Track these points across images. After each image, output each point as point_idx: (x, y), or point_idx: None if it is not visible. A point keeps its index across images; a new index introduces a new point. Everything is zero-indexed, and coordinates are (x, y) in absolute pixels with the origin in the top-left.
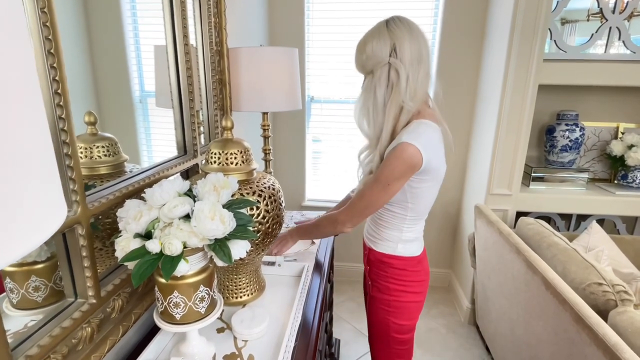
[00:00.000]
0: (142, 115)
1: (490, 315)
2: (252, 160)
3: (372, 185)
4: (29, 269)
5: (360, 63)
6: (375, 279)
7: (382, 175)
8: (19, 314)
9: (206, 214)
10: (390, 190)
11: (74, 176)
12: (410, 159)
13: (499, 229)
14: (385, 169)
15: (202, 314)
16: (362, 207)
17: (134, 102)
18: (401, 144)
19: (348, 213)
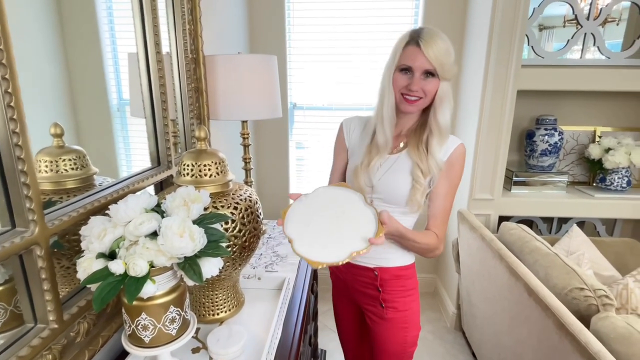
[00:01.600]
0: (120, 125)
1: (475, 321)
2: (228, 171)
3: (452, 194)
4: None
5: (450, 64)
6: (391, 300)
7: (457, 179)
8: None
9: (174, 231)
10: None
11: (30, 194)
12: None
13: (481, 235)
14: (459, 173)
15: (173, 335)
16: (448, 219)
17: (112, 111)
18: (462, 145)
19: (444, 232)
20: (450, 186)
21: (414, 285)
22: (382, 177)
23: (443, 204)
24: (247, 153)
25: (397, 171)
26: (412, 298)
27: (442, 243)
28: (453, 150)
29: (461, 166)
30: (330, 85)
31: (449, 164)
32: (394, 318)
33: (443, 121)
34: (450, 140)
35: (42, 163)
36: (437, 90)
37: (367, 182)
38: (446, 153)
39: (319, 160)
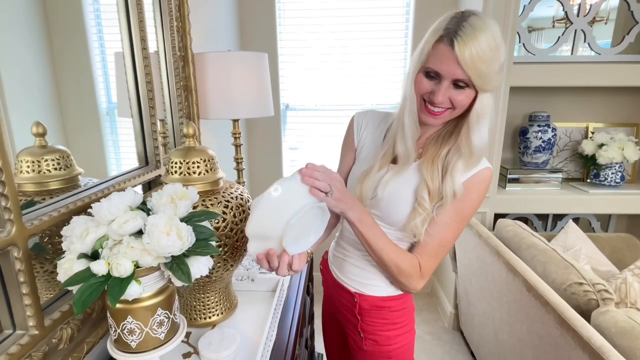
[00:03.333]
0: (109, 128)
1: (473, 320)
2: (218, 169)
3: (456, 227)
4: None
5: (492, 73)
6: (370, 331)
7: (470, 209)
8: None
9: (161, 229)
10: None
11: (6, 192)
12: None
13: (478, 232)
14: (474, 202)
15: (161, 340)
16: (444, 254)
17: (101, 114)
18: (488, 169)
19: (432, 267)
20: (457, 215)
21: (404, 319)
22: (385, 190)
23: (440, 235)
24: (238, 153)
25: (402, 186)
26: (398, 332)
27: (423, 278)
28: (475, 174)
29: (479, 195)
30: (323, 86)
31: (465, 188)
32: (373, 351)
33: (478, 142)
34: (483, 160)
35: (23, 163)
36: (470, 102)
37: (368, 193)
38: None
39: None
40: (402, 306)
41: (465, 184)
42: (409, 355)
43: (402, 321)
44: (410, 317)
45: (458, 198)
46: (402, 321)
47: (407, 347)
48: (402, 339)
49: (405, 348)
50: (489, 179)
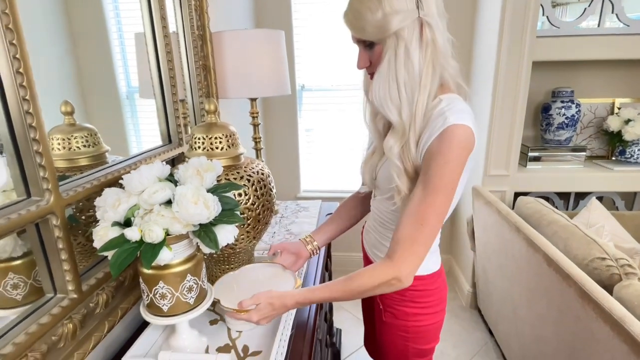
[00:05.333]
0: (130, 112)
1: (491, 298)
2: (239, 144)
3: (432, 197)
4: (6, 266)
5: (373, 25)
6: (389, 304)
7: (442, 177)
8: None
9: (189, 199)
10: (453, 194)
11: (44, 162)
12: (468, 143)
13: (497, 209)
14: (445, 168)
15: (190, 304)
16: (427, 236)
17: (121, 99)
18: (451, 127)
19: (410, 257)
20: (425, 186)
21: (427, 299)
22: (379, 173)
23: (414, 211)
24: (256, 132)
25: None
26: (418, 311)
27: (407, 272)
28: (436, 136)
29: (447, 160)
30: (339, 65)
31: (428, 154)
32: (390, 323)
33: (376, 96)
34: (437, 122)
35: (54, 141)
36: None
37: (366, 178)
38: (428, 139)
39: (329, 142)
40: (425, 287)
41: (428, 150)
42: (429, 336)
43: (424, 301)
44: (435, 299)
45: (423, 168)
46: (425, 301)
47: (429, 327)
48: (423, 319)
49: (426, 328)
50: (457, 138)
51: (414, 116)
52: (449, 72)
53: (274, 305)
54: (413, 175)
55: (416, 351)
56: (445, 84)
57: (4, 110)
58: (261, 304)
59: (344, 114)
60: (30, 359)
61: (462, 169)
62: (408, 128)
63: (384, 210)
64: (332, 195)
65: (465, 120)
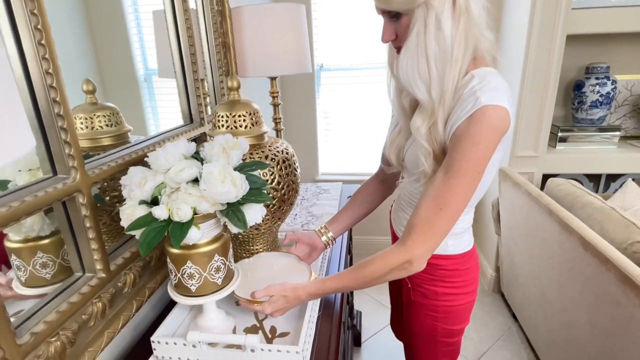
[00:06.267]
0: (148, 95)
1: (517, 282)
2: (262, 123)
3: (455, 180)
4: (34, 245)
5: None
6: (418, 283)
7: (469, 160)
8: (28, 292)
9: (216, 177)
10: (479, 179)
11: (69, 139)
12: (501, 125)
13: (527, 191)
14: (472, 150)
15: (218, 285)
16: (446, 221)
17: (139, 81)
18: (482, 109)
19: (425, 241)
20: (447, 171)
21: (458, 279)
22: (406, 154)
23: (435, 193)
24: (277, 113)
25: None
26: (448, 291)
27: (419, 256)
28: (466, 118)
29: (475, 142)
30: (359, 43)
31: (456, 135)
32: (420, 302)
33: (403, 72)
34: (468, 102)
35: (77, 120)
36: None
37: (393, 158)
38: (457, 120)
39: (348, 123)
40: (456, 267)
41: (456, 130)
42: (459, 316)
43: (455, 281)
44: (467, 280)
45: (449, 151)
46: (456, 282)
47: (460, 308)
48: (454, 299)
49: (456, 308)
50: (489, 120)
51: (444, 94)
52: (483, 44)
53: (287, 297)
54: (441, 157)
55: (445, 331)
56: (479, 57)
57: (28, 84)
58: (274, 296)
59: (364, 94)
60: (62, 337)
61: (492, 152)
62: (437, 107)
63: (413, 191)
64: (351, 178)
65: (499, 100)
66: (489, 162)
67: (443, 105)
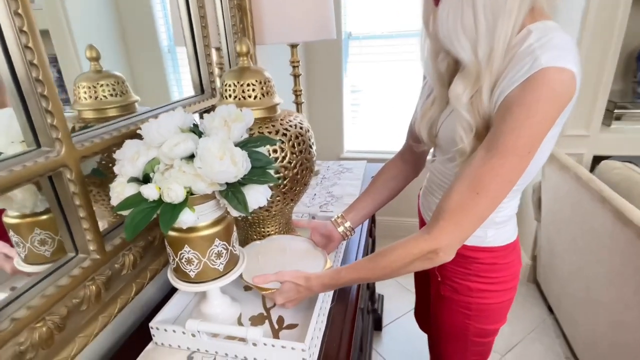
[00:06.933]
0: (172, 67)
1: (556, 273)
2: (274, 93)
3: (497, 160)
4: (32, 221)
5: None
6: (449, 277)
7: (519, 136)
8: (29, 269)
9: (214, 153)
10: (530, 159)
11: (51, 108)
12: (565, 93)
13: (576, 174)
14: (525, 125)
15: (220, 271)
16: (482, 208)
17: (162, 52)
18: (543, 72)
19: (454, 229)
20: (490, 148)
21: (496, 275)
22: (440, 128)
23: (470, 174)
24: (297, 85)
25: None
26: (484, 287)
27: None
28: (520, 83)
29: (529, 114)
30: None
31: (505, 105)
32: (450, 298)
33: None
34: (523, 63)
35: (80, 89)
36: None
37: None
38: (508, 86)
39: (377, 97)
40: (495, 260)
41: (506, 99)
42: (495, 315)
43: (492, 277)
44: (506, 275)
45: (494, 123)
46: (493, 277)
47: (496, 306)
48: (490, 296)
49: (492, 306)
50: (550, 86)
51: (493, 53)
52: None
53: (299, 287)
54: (483, 132)
55: (478, 331)
56: (537, 8)
57: (2, 44)
58: (285, 285)
59: (397, 67)
60: (48, 323)
61: (550, 126)
62: (484, 69)
63: (446, 172)
64: (378, 157)
65: (564, 61)
66: (544, 139)
67: (491, 67)
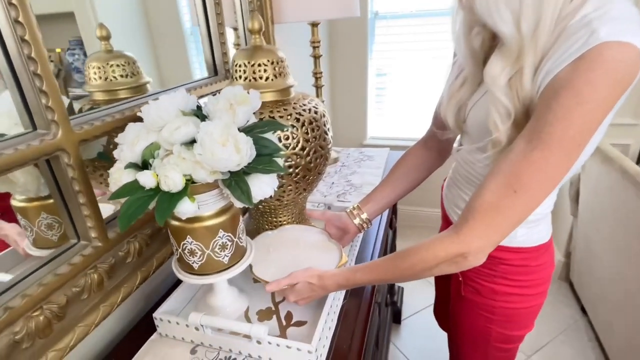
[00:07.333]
0: (195, 49)
1: (592, 273)
2: (288, 74)
3: (541, 153)
4: (39, 205)
5: None
6: (471, 278)
7: (568, 126)
8: (38, 253)
9: (215, 138)
10: (579, 153)
11: (45, 87)
12: (627, 72)
13: (621, 167)
14: (576, 112)
15: (225, 264)
16: (521, 208)
17: (185, 34)
18: (600, 47)
19: (487, 230)
20: (531, 139)
21: (525, 278)
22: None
23: (500, 179)
24: (317, 67)
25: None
26: (510, 290)
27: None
28: (573, 61)
29: (582, 100)
30: None
31: (552, 88)
32: (471, 300)
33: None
34: (577, 37)
35: (91, 70)
36: None
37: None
38: (556, 65)
39: (404, 83)
40: (525, 262)
41: (553, 80)
42: (521, 321)
43: (521, 280)
44: (536, 279)
45: (538, 108)
46: (522, 280)
47: (522, 312)
48: (517, 300)
49: (518, 312)
50: (609, 64)
51: (540, 26)
52: None
53: (312, 286)
54: (522, 120)
55: (501, 336)
56: None
57: None
58: (299, 284)
59: (427, 49)
60: (45, 312)
61: (606, 114)
62: (527, 45)
63: (474, 163)
64: (403, 144)
65: (628, 35)
66: (597, 126)
67: (536, 42)
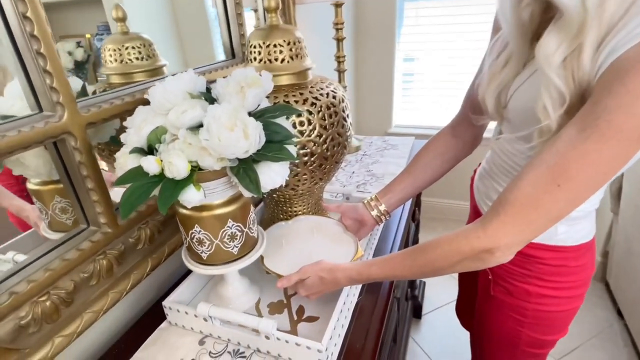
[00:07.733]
0: (218, 34)
1: (631, 275)
2: (306, 56)
3: (596, 144)
4: (53, 188)
5: None
6: (503, 277)
7: (632, 115)
8: (54, 236)
9: (223, 123)
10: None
11: (49, 67)
12: None
13: None
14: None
15: (234, 254)
16: (563, 204)
17: (209, 19)
18: None
19: (519, 226)
20: (584, 128)
21: (562, 280)
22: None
23: (541, 171)
24: (340, 50)
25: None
26: (545, 292)
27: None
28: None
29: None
30: None
31: (615, 71)
32: (501, 300)
33: None
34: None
35: (107, 52)
36: None
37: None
38: (621, 45)
39: (433, 68)
40: (564, 262)
41: (616, 62)
42: (555, 325)
43: (558, 281)
44: (575, 281)
45: (595, 93)
46: (559, 281)
47: (557, 315)
48: (551, 303)
49: (552, 315)
50: None
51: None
52: None
53: (324, 279)
54: (577, 105)
55: (532, 341)
56: None
57: None
58: (309, 279)
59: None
60: (53, 297)
61: None
62: (590, 20)
63: (515, 155)
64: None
65: None
66: None
67: (601, 15)
